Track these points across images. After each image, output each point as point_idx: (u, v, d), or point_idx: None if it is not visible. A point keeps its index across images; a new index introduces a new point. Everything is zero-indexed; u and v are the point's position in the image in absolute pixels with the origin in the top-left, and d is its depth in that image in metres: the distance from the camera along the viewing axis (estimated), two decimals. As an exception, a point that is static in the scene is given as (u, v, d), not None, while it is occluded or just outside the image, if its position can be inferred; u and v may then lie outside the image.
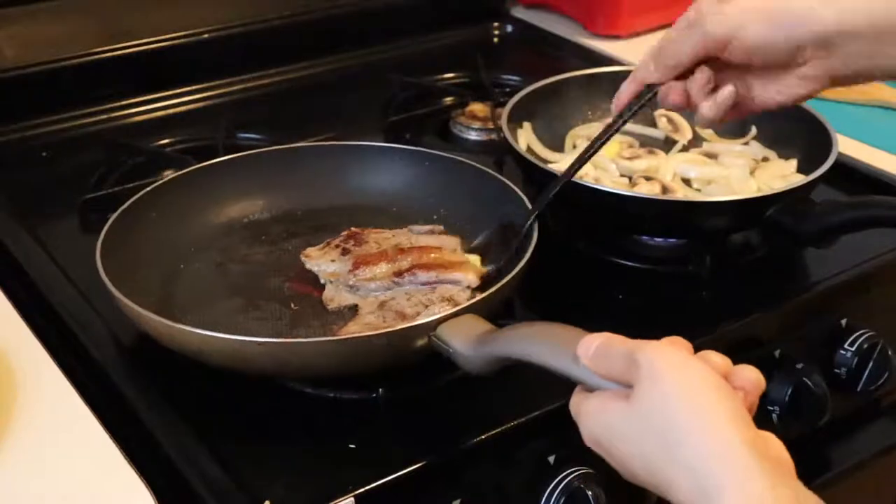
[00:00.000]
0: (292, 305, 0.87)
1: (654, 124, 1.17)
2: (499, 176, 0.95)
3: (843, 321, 0.98)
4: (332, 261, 0.90)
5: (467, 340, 0.71)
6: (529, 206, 0.88)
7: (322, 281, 0.89)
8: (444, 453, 0.75)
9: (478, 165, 0.98)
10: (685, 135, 1.14)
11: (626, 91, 0.86)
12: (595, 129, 1.16)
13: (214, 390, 0.80)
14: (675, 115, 1.16)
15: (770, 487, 0.52)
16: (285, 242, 0.95)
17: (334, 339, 0.78)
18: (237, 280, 0.91)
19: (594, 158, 0.91)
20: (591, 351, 0.62)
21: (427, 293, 0.86)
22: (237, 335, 0.76)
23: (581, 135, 1.15)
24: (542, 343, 0.65)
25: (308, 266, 0.90)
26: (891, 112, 1.29)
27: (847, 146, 1.13)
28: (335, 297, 0.87)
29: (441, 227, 0.95)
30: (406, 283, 0.87)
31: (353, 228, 0.93)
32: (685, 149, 1.12)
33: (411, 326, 0.75)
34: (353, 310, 0.86)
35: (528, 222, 0.86)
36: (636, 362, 0.59)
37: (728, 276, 0.97)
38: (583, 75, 1.18)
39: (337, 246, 0.91)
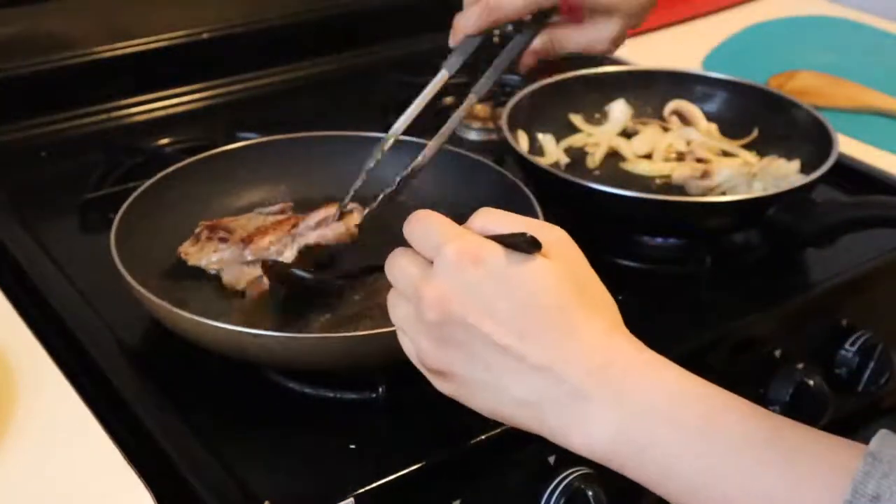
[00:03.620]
0: (299, 293, 0.87)
1: (661, 117, 1.17)
2: (510, 175, 0.95)
3: (844, 321, 0.98)
4: (215, 251, 0.90)
5: None
6: (537, 205, 0.89)
7: (212, 272, 0.89)
8: (444, 453, 0.75)
9: (492, 165, 0.98)
10: (700, 127, 1.14)
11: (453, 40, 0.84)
12: (594, 129, 1.16)
13: (214, 390, 0.81)
14: (688, 107, 1.16)
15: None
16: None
17: (331, 336, 0.79)
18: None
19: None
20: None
21: (323, 231, 0.89)
22: (239, 323, 0.77)
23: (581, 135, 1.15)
24: None
25: (192, 263, 0.90)
26: (883, 118, 1.29)
27: (847, 146, 1.13)
28: (238, 277, 0.88)
29: (290, 204, 0.97)
30: (302, 230, 0.89)
31: (204, 222, 0.93)
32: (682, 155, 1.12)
33: None
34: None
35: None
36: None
37: (728, 276, 0.97)
38: (583, 75, 1.18)
39: (209, 238, 0.91)
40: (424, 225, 0.58)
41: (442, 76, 0.83)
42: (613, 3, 0.77)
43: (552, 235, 0.57)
